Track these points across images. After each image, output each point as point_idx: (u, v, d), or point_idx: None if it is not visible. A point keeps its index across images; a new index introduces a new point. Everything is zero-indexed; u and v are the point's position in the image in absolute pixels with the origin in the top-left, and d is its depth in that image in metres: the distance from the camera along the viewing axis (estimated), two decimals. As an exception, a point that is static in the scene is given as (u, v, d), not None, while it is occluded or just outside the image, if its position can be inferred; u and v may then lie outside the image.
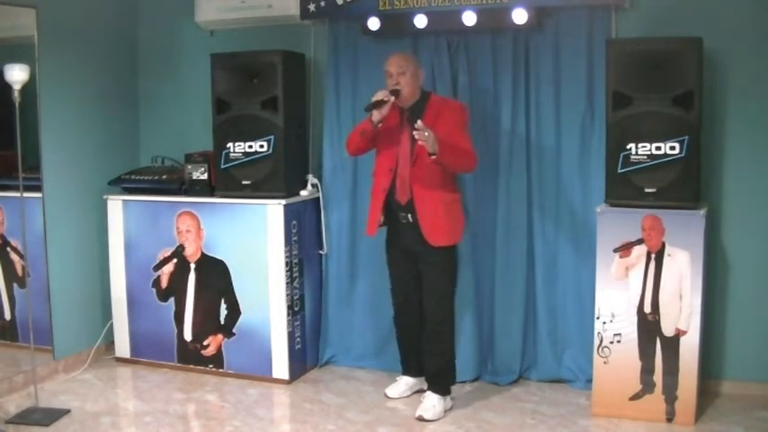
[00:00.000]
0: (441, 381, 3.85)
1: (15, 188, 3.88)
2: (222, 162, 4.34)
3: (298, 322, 4.38)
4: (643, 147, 3.62)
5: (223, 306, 4.39)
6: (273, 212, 4.22)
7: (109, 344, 4.74)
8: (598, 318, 3.74)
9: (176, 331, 4.51)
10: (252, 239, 4.27)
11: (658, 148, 3.60)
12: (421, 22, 4.14)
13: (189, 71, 4.86)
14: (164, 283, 4.52)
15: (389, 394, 4.08)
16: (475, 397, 4.06)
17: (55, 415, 3.80)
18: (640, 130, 3.62)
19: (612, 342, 3.71)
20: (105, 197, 4.59)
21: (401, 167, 3.75)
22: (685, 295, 3.60)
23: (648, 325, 3.66)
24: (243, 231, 4.29)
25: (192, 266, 4.45)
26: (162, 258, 4.50)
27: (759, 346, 3.94)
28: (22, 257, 4.23)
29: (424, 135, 3.42)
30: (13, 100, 3.69)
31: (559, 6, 3.99)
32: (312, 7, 4.35)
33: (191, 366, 4.49)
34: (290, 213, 4.26)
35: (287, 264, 4.24)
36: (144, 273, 4.55)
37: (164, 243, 4.48)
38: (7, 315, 4.36)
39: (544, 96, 4.12)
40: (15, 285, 4.34)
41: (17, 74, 3.66)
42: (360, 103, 4.34)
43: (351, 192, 4.48)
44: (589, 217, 3.94)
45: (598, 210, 3.74)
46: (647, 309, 3.66)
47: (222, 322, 4.39)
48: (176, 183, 4.50)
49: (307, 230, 4.43)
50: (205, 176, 4.42)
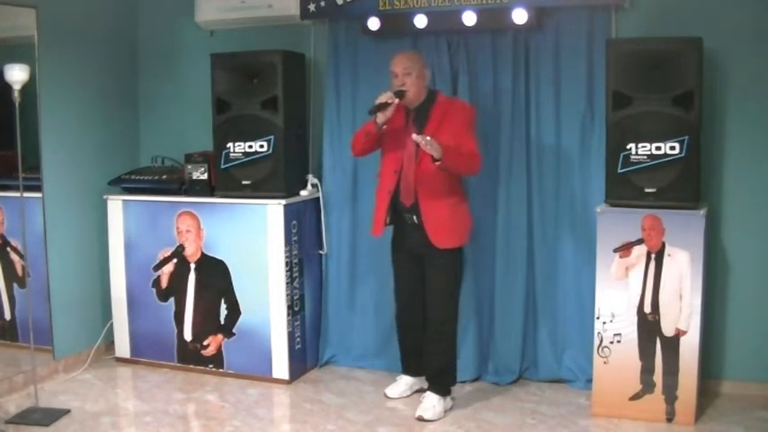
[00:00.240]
0: (441, 381, 3.85)
1: (15, 188, 3.87)
2: (222, 162, 4.34)
3: (298, 322, 4.38)
4: (643, 147, 3.62)
5: (223, 306, 4.39)
6: (273, 212, 4.21)
7: (109, 344, 4.74)
8: (598, 318, 3.74)
9: (176, 331, 4.51)
10: (252, 239, 4.26)
11: (658, 148, 3.60)
12: (421, 22, 4.13)
13: (189, 71, 4.86)
14: (164, 283, 4.52)
15: (389, 394, 4.08)
16: (475, 397, 4.06)
17: (55, 415, 3.80)
18: (640, 130, 3.62)
19: (612, 342, 3.71)
20: (105, 197, 4.59)
21: (406, 169, 3.72)
22: (685, 295, 3.60)
23: (648, 325, 3.66)
24: (243, 231, 4.29)
25: (192, 266, 4.45)
26: (162, 258, 4.50)
27: (759, 346, 3.94)
28: (22, 257, 4.23)
29: (425, 147, 3.41)
30: (13, 100, 3.69)
31: (559, 6, 3.99)
32: (312, 7, 4.35)
33: (191, 366, 4.49)
34: (290, 213, 4.26)
35: (287, 264, 4.24)
36: (144, 273, 4.55)
37: (164, 243, 4.48)
38: (7, 315, 4.36)
39: (544, 96, 4.12)
40: (15, 285, 4.34)
41: (17, 74, 3.66)
42: (360, 103, 4.36)
43: (351, 191, 4.48)
44: (589, 217, 3.94)
45: (598, 210, 3.74)
46: (647, 309, 3.66)
47: (222, 322, 4.39)
48: (176, 183, 4.50)
49: (307, 230, 4.43)
50: (205, 176, 4.42)
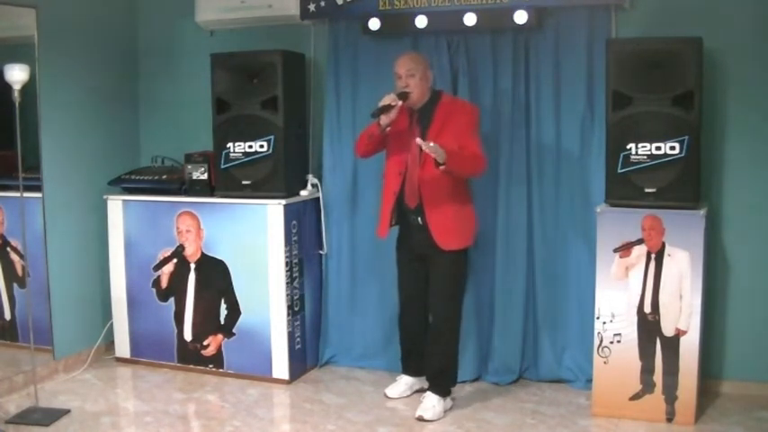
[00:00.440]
0: (441, 381, 3.85)
1: (15, 188, 3.88)
2: (222, 162, 4.34)
3: (298, 322, 4.38)
4: (643, 147, 3.62)
5: (223, 306, 4.39)
6: (273, 212, 4.21)
7: (109, 344, 4.74)
8: (598, 318, 3.73)
9: (176, 331, 4.51)
10: (252, 239, 4.26)
11: (658, 148, 3.60)
12: (421, 23, 4.13)
13: (189, 71, 4.85)
14: (164, 283, 4.52)
15: (389, 394, 4.07)
16: (475, 397, 4.06)
17: (55, 415, 3.80)
18: (640, 130, 3.62)
19: (612, 342, 3.71)
20: (105, 197, 4.59)
21: (410, 172, 3.71)
22: (685, 295, 3.60)
23: (648, 325, 3.66)
24: (243, 231, 4.29)
25: (192, 266, 4.45)
26: (162, 258, 4.50)
27: (759, 346, 3.94)
28: (22, 257, 4.23)
29: (429, 152, 3.39)
30: (13, 100, 3.69)
31: (559, 6, 3.99)
32: (312, 7, 4.35)
33: (191, 366, 4.49)
34: (290, 213, 4.26)
35: (287, 264, 4.24)
36: (144, 273, 4.55)
37: (164, 243, 4.48)
38: (7, 315, 4.36)
39: (544, 96, 4.12)
40: (15, 285, 4.34)
41: (17, 74, 3.66)
42: (360, 103, 4.36)
43: (351, 191, 4.47)
44: (589, 217, 3.93)
45: (598, 210, 3.74)
46: (647, 309, 3.66)
47: (222, 322, 4.39)
48: (176, 183, 4.50)
49: (307, 230, 4.43)
50: (205, 176, 4.42)
